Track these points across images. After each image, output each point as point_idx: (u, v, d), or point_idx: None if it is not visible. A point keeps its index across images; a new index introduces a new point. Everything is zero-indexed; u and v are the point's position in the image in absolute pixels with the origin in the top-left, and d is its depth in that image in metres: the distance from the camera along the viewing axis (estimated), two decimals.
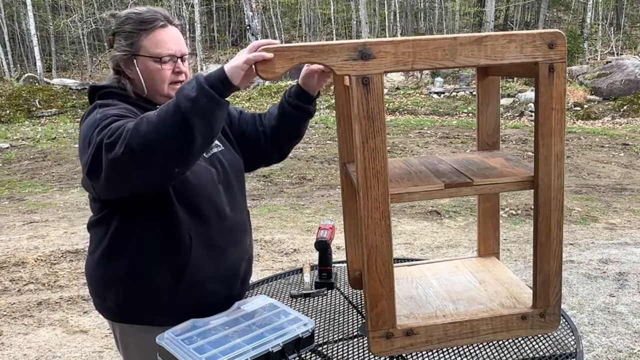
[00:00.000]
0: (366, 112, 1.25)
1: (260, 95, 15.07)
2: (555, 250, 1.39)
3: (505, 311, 1.45)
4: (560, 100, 1.30)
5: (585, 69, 13.84)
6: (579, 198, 6.37)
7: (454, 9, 21.87)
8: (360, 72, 1.22)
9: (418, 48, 1.22)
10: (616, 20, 20.27)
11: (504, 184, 1.38)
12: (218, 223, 1.54)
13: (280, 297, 1.93)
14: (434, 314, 1.47)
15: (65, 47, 23.21)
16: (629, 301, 3.65)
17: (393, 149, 9.13)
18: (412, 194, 1.35)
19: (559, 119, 1.31)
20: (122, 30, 1.49)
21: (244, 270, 1.68)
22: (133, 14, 1.49)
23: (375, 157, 1.29)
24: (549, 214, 1.37)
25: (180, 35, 1.54)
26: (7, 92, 15.33)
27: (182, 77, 1.52)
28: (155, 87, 1.50)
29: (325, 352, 1.53)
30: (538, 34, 1.26)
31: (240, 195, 1.67)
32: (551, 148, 1.32)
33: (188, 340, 1.40)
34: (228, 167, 1.61)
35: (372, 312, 1.35)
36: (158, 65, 1.47)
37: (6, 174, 8.77)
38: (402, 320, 1.42)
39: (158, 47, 1.47)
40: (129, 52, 1.48)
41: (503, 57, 1.27)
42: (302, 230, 5.35)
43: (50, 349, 3.25)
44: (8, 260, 4.52)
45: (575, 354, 1.45)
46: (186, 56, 1.54)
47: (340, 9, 23.96)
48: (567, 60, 1.40)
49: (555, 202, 1.36)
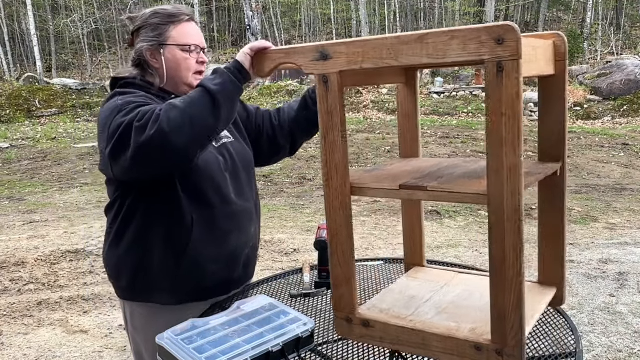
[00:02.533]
0: (326, 108, 1.34)
1: (261, 95, 15.09)
2: (511, 281, 1.18)
3: (459, 334, 1.32)
4: (512, 104, 1.12)
5: (585, 69, 13.84)
6: (579, 198, 6.37)
7: (454, 9, 21.88)
8: (321, 71, 1.33)
9: (366, 48, 1.27)
10: (616, 20, 20.28)
11: (458, 194, 1.26)
12: (222, 207, 1.61)
13: (280, 297, 1.93)
14: (398, 315, 1.46)
15: (65, 47, 23.22)
16: (629, 301, 3.66)
17: (393, 149, 9.13)
18: (371, 190, 1.38)
19: (511, 126, 1.13)
20: (149, 24, 1.58)
21: (246, 255, 1.73)
22: (160, 9, 1.61)
23: (334, 150, 1.38)
24: (502, 237, 1.18)
25: (201, 31, 1.66)
26: (7, 92, 15.33)
27: (204, 67, 1.63)
28: (181, 75, 1.59)
29: (325, 352, 1.53)
30: (484, 29, 1.13)
31: (247, 185, 1.72)
32: (502, 160, 1.15)
33: (188, 340, 1.40)
34: (236, 157, 1.68)
35: (335, 293, 1.44)
36: (186, 54, 1.58)
37: (6, 174, 8.77)
38: (363, 310, 1.47)
39: (186, 38, 1.58)
40: (156, 42, 1.57)
41: (445, 56, 1.18)
42: (302, 230, 5.35)
43: (50, 349, 3.25)
44: (8, 260, 4.52)
45: (575, 354, 1.45)
46: (206, 49, 1.66)
47: (340, 9, 23.97)
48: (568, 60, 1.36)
49: (509, 224, 1.17)
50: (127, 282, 1.64)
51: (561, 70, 1.44)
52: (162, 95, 1.59)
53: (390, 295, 1.63)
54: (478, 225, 5.40)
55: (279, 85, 15.57)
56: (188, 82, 1.60)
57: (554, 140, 1.49)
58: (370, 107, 13.45)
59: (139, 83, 1.58)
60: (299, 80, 16.05)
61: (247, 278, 1.79)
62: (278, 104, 14.15)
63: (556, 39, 1.42)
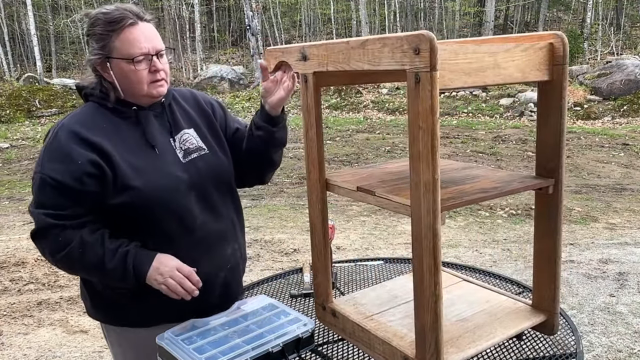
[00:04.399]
0: (306, 106, 1.40)
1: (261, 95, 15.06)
2: (428, 301, 1.14)
3: (394, 343, 1.31)
4: (427, 118, 1.03)
5: (585, 69, 13.83)
6: (579, 198, 6.37)
7: (454, 9, 21.86)
8: (303, 70, 1.40)
9: (329, 52, 1.29)
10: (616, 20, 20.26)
11: (393, 203, 1.23)
12: (186, 238, 1.49)
13: (280, 297, 1.93)
14: (364, 312, 1.50)
15: (65, 47, 23.20)
16: (629, 301, 3.65)
17: (393, 149, 9.12)
18: (337, 188, 1.42)
19: (426, 141, 1.04)
20: (93, 33, 1.43)
21: (223, 278, 1.59)
22: (101, 15, 1.43)
23: (312, 147, 1.41)
24: (421, 255, 1.13)
25: (154, 31, 1.46)
26: (7, 92, 15.33)
27: (161, 74, 1.46)
28: (133, 89, 1.46)
29: (325, 352, 1.53)
30: (405, 37, 1.05)
31: (220, 201, 1.57)
32: (420, 175, 1.08)
33: (188, 341, 1.40)
34: (205, 173, 1.53)
35: (314, 281, 1.53)
36: (132, 67, 1.41)
37: (6, 174, 8.77)
38: (337, 301, 1.57)
39: (130, 48, 1.41)
40: (102, 55, 1.43)
41: (380, 63, 1.12)
42: (302, 230, 5.35)
43: (50, 349, 3.25)
44: (8, 260, 4.52)
45: (575, 354, 1.45)
46: (162, 52, 1.47)
47: (340, 9, 23.94)
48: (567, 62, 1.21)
49: (425, 242, 1.11)
50: (93, 306, 1.58)
51: (559, 76, 1.26)
52: (120, 109, 1.47)
53: (375, 292, 1.67)
54: (478, 226, 5.40)
55: None
56: (145, 94, 1.46)
57: (548, 153, 1.34)
58: (370, 107, 13.44)
59: (97, 94, 1.48)
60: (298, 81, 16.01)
61: (231, 299, 1.64)
62: None
63: (554, 39, 1.26)
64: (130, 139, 1.46)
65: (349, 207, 5.92)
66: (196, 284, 1.44)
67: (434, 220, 1.09)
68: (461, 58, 1.08)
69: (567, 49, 1.25)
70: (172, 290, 1.42)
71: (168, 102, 1.56)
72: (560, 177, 1.34)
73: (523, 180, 1.36)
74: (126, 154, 1.43)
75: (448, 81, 1.06)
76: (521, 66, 1.21)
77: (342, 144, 9.26)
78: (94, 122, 1.44)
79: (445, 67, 1.05)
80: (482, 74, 1.13)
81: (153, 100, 1.51)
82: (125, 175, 1.40)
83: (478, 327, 1.40)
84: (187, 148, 1.53)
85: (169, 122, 1.53)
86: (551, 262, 1.40)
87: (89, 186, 1.39)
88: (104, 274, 1.42)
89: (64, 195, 1.38)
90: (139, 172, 1.42)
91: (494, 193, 1.26)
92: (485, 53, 1.13)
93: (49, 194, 1.38)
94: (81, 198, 1.39)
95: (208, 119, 1.63)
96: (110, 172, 1.40)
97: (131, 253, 1.41)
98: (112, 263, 1.39)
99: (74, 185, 1.37)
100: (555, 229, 1.37)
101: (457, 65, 1.08)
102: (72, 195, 1.38)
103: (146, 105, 1.51)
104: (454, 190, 1.28)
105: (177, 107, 1.59)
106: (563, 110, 1.30)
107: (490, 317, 1.45)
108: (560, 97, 1.29)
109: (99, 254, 1.39)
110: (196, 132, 1.58)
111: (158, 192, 1.43)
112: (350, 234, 4.98)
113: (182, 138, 1.54)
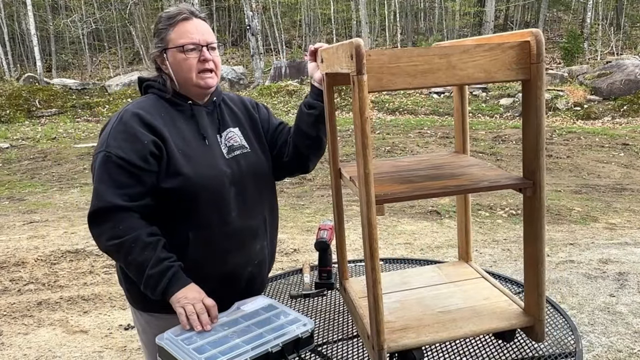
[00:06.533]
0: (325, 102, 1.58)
1: (260, 95, 15.08)
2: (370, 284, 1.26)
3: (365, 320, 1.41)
4: (357, 120, 1.16)
5: (585, 69, 13.83)
6: (579, 198, 6.37)
7: (454, 9, 21.86)
8: (323, 70, 1.55)
9: (329, 55, 1.42)
10: (616, 20, 20.26)
11: None
12: (220, 227, 1.57)
13: (280, 298, 1.93)
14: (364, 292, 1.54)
15: (65, 47, 23.20)
16: (629, 301, 3.65)
17: (393, 149, 9.13)
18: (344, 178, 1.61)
19: (359, 140, 1.16)
20: (156, 30, 1.60)
21: (249, 273, 1.67)
22: (163, 14, 1.61)
23: (329, 138, 1.63)
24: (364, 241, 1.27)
25: (206, 26, 1.61)
26: (7, 92, 15.33)
27: (210, 64, 1.58)
28: (184, 77, 1.57)
29: (325, 352, 1.53)
30: (348, 44, 1.14)
31: (256, 199, 1.66)
32: (361, 169, 1.19)
33: (188, 341, 1.40)
34: (245, 170, 1.63)
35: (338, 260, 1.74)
36: (183, 55, 1.55)
37: (6, 174, 8.77)
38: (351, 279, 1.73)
39: (181, 38, 1.55)
40: (160, 47, 1.58)
41: (342, 67, 1.22)
42: (302, 230, 5.35)
43: (50, 349, 3.25)
44: (8, 260, 4.51)
45: (574, 354, 1.45)
46: (213, 45, 1.60)
47: (340, 9, 23.94)
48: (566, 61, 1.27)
49: (365, 231, 1.23)
50: (126, 290, 1.67)
51: (535, 74, 1.23)
52: (175, 101, 1.59)
53: (391, 277, 1.76)
54: (478, 226, 5.40)
55: (279, 85, 15.56)
56: (194, 83, 1.58)
57: (529, 155, 1.32)
58: (370, 107, 13.46)
59: (157, 86, 1.61)
60: (298, 80, 16.04)
61: (254, 293, 1.71)
62: (278, 103, 14.15)
63: (530, 38, 1.22)
64: (185, 130, 1.57)
65: (349, 207, 5.92)
66: (213, 318, 1.49)
67: (368, 210, 1.18)
68: (404, 61, 1.15)
69: (542, 47, 1.22)
70: (188, 315, 1.45)
71: (219, 102, 1.69)
72: (540, 180, 1.29)
73: (511, 178, 1.37)
74: (180, 142, 1.54)
75: (388, 83, 1.15)
76: (485, 66, 1.20)
77: (342, 144, 9.26)
78: (154, 109, 1.56)
79: (385, 70, 1.15)
80: (433, 75, 1.18)
81: (203, 92, 1.62)
82: (178, 162, 1.51)
83: (452, 320, 1.42)
84: (232, 145, 1.64)
85: (218, 120, 1.66)
86: (534, 268, 1.38)
87: (152, 166, 1.49)
88: (140, 274, 1.48)
89: (129, 172, 1.47)
90: (190, 160, 1.53)
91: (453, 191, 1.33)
92: (435, 55, 1.17)
93: (114, 171, 1.47)
94: (144, 177, 1.48)
95: (253, 121, 1.75)
96: (166, 156, 1.50)
97: (172, 270, 1.47)
98: (153, 270, 1.46)
99: (140, 163, 1.47)
100: (535, 234, 1.33)
101: (398, 68, 1.16)
102: (137, 174, 1.47)
103: (199, 100, 1.63)
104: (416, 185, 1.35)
105: (226, 108, 1.72)
106: (540, 109, 1.26)
107: (473, 313, 1.46)
108: (537, 95, 1.26)
109: (147, 256, 1.46)
110: (240, 132, 1.69)
111: (205, 181, 1.53)
112: (350, 233, 4.98)
113: (227, 135, 1.65)
